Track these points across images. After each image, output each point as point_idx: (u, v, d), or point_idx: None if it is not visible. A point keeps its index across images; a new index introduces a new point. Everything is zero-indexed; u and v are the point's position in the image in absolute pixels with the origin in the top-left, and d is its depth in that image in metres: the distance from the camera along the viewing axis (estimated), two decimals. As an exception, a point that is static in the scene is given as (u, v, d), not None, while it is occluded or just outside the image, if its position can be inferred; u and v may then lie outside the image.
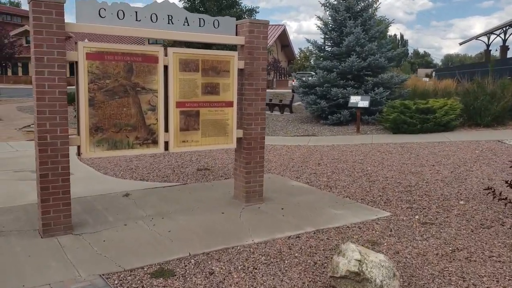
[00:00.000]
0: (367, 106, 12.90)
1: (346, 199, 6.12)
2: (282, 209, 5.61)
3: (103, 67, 4.75)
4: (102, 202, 5.82)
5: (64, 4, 4.45)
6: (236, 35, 5.64)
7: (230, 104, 5.61)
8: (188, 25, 5.23)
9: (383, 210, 5.63)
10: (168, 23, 5.11)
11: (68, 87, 4.92)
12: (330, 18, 15.43)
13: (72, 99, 10.12)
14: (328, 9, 15.37)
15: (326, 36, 15.57)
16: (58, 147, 4.56)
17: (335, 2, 15.38)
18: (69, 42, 15.03)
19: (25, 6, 74.99)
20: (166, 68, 5.13)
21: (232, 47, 17.06)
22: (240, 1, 25.39)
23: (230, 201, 5.95)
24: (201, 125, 5.45)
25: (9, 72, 43.91)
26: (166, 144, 5.27)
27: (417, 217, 5.36)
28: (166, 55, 5.12)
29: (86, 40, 4.47)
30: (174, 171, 7.84)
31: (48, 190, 4.56)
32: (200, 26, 5.31)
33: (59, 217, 4.61)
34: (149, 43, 40.19)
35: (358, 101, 13.01)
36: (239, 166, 5.93)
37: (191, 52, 5.29)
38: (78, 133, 4.77)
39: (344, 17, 14.70)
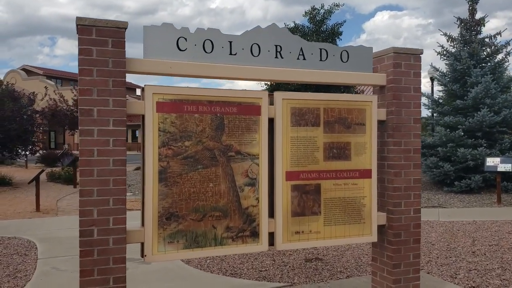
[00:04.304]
0: (511, 170, 10.19)
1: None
2: None
3: (180, 123, 3.14)
4: (178, 317, 4.04)
5: (126, 31, 2.98)
6: (373, 71, 3.82)
7: (367, 173, 3.70)
8: (304, 59, 3.53)
9: None
10: (276, 56, 3.45)
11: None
12: (448, 68, 13.19)
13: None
14: (445, 58, 13.20)
15: (445, 88, 13.29)
16: (109, 247, 2.92)
17: (454, 50, 13.19)
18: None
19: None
20: (271, 122, 3.41)
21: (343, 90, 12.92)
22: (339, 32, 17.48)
23: (367, 324, 3.86)
24: (324, 207, 3.56)
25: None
26: (271, 237, 3.44)
27: None
28: (271, 103, 3.42)
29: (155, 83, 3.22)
30: (274, 260, 5.93)
31: (91, 316, 2.89)
32: (321, 60, 3.58)
33: None
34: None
35: (498, 163, 10.35)
36: (380, 270, 3.87)
37: (309, 97, 3.54)
38: (142, 224, 3.12)
39: (467, 65, 12.39)
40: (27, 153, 18.31)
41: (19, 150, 17.16)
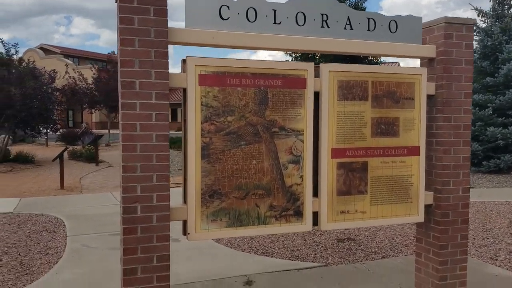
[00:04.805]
0: (544, 149, 9.86)
1: None
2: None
3: (223, 96, 2.99)
4: (215, 296, 3.98)
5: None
6: (422, 43, 3.60)
7: (415, 151, 3.52)
8: (351, 28, 3.33)
9: None
10: (322, 26, 3.26)
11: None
12: (478, 44, 12.72)
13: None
14: (475, 34, 12.73)
15: (475, 65, 12.86)
16: (153, 224, 2.82)
17: (484, 25, 12.70)
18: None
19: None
20: (316, 95, 3.24)
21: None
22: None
23: (411, 306, 3.74)
24: (370, 186, 3.41)
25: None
26: (315, 216, 3.30)
27: None
28: (316, 75, 3.24)
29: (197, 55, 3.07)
30: (305, 240, 5.82)
31: (135, 295, 2.80)
32: (368, 30, 3.37)
33: None
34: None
35: (530, 143, 10.03)
36: (425, 251, 3.72)
37: (357, 69, 3.35)
38: (184, 201, 3.01)
39: (499, 41, 11.93)
40: (49, 131, 18.43)
41: (41, 128, 17.26)
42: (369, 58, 14.95)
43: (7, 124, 15.24)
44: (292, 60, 14.92)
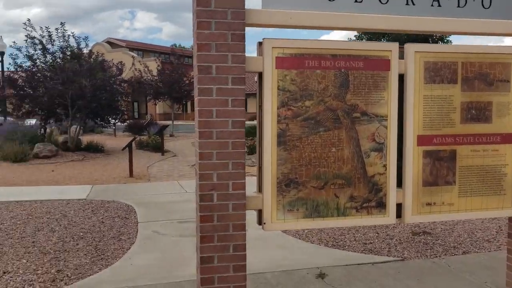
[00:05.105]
0: None
1: None
2: None
3: (301, 80, 2.84)
4: (288, 286, 3.87)
5: (245, -22, 2.70)
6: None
7: (509, 138, 3.19)
8: (439, 5, 3.05)
9: None
10: (407, 3, 3.01)
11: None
12: None
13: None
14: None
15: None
16: (229, 213, 2.74)
17: None
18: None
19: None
20: (401, 78, 3.00)
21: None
22: None
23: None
24: (459, 177, 3.13)
25: (188, 110, 47.49)
26: (399, 208, 3.08)
27: None
28: (401, 57, 3.00)
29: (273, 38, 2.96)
30: (377, 233, 5.57)
31: (213, 285, 2.74)
32: (458, 6, 3.08)
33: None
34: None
35: None
36: (520, 248, 3.39)
37: (445, 50, 3.08)
38: (259, 190, 2.90)
39: None
40: (117, 121, 19.17)
41: (110, 119, 17.99)
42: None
43: (79, 114, 16.01)
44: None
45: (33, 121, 18.35)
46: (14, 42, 28.42)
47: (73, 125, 16.69)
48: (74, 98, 14.91)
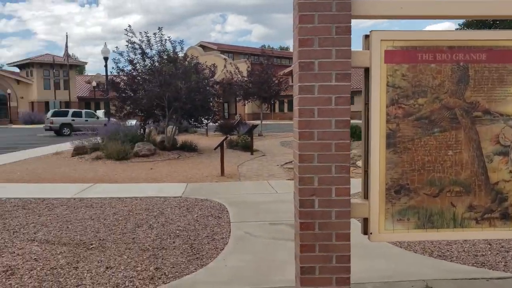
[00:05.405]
0: None
1: None
2: None
3: (413, 75, 2.55)
4: (391, 302, 3.57)
5: (351, -35, 2.47)
6: None
7: None
8: None
9: None
10: (542, -18, 2.58)
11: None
12: None
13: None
14: None
15: None
16: (332, 220, 2.54)
17: None
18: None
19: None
20: (533, 72, 2.58)
21: None
22: None
23: None
24: None
25: (276, 109, 47.80)
26: (528, 221, 2.66)
27: None
28: (533, 46, 2.58)
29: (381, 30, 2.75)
30: (490, 244, 5.00)
31: (313, 297, 2.56)
32: None
33: None
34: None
35: None
36: None
37: None
38: (365, 196, 2.66)
39: None
40: (209, 121, 19.75)
41: (203, 119, 18.56)
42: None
43: (175, 115, 16.71)
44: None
45: (133, 122, 19.52)
46: (116, 47, 30.43)
47: (170, 125, 17.45)
48: (170, 99, 15.58)
